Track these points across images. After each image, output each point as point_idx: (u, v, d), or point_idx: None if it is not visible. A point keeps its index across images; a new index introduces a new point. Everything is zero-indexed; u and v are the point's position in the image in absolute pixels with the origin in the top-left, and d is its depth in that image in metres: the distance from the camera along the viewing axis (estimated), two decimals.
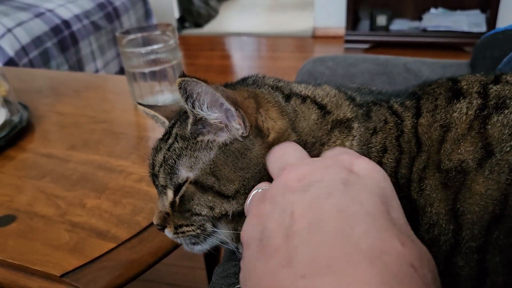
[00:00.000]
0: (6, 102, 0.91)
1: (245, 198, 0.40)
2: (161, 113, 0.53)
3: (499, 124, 0.39)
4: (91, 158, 0.81)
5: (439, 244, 0.39)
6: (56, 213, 0.67)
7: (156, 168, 0.46)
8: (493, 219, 0.37)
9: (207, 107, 0.41)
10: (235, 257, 0.56)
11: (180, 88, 0.40)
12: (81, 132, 0.91)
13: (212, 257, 1.09)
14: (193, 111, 0.42)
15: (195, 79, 0.39)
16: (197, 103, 0.41)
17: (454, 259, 0.39)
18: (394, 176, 0.42)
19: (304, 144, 0.42)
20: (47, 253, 0.59)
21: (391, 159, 0.43)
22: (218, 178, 0.42)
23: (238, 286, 0.40)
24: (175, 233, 0.45)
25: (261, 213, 0.32)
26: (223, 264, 0.59)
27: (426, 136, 0.43)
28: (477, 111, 0.41)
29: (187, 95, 0.41)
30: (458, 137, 0.40)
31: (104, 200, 0.69)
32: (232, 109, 0.40)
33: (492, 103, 0.41)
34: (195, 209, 0.43)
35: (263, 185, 0.37)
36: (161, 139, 0.48)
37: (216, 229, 0.44)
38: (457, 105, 0.43)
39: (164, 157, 0.45)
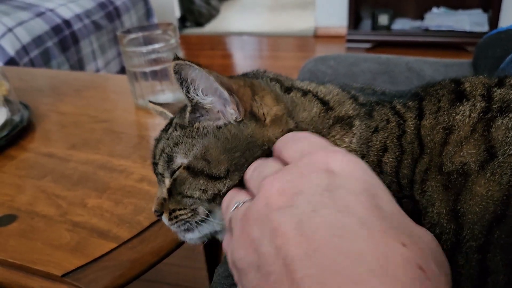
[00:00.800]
0: (7, 102, 0.91)
1: (238, 174, 0.40)
2: (169, 109, 0.54)
3: (503, 128, 0.39)
4: (92, 157, 0.81)
5: (440, 243, 0.39)
6: (57, 212, 0.67)
7: (157, 157, 0.47)
8: (494, 219, 0.37)
9: (202, 92, 0.42)
10: None
11: (175, 72, 0.40)
12: (82, 132, 0.91)
13: (213, 257, 1.08)
14: (188, 96, 0.42)
15: (188, 63, 0.39)
16: (191, 87, 0.41)
17: (455, 258, 0.39)
18: (395, 176, 0.42)
19: None
20: (48, 253, 0.59)
21: (391, 158, 0.43)
22: (208, 161, 0.42)
23: None
24: (170, 218, 0.46)
25: (250, 237, 0.30)
26: (225, 263, 0.59)
27: (428, 138, 0.42)
28: (481, 114, 0.41)
29: (181, 79, 0.41)
30: (461, 140, 0.40)
31: (105, 200, 0.69)
32: (226, 93, 0.41)
33: (496, 106, 0.41)
34: (186, 192, 0.44)
35: (243, 197, 0.36)
36: (163, 130, 0.49)
37: (209, 214, 0.44)
38: (460, 108, 0.42)
39: (163, 146, 0.46)
